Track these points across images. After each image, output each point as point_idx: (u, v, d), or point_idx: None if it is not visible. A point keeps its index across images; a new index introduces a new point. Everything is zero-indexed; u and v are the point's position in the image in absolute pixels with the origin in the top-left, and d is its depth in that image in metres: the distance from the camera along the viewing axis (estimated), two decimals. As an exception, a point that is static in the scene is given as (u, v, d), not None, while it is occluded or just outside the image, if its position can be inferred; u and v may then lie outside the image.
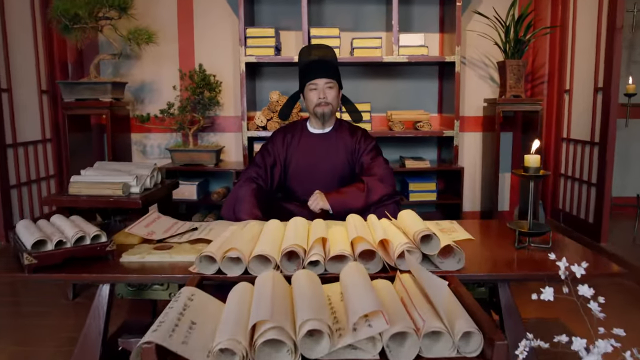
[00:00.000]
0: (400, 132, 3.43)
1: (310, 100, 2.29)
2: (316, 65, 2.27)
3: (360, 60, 3.35)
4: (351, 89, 3.71)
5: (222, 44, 3.74)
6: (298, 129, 2.41)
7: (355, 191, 2.14)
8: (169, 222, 1.98)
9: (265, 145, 2.40)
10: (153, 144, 3.88)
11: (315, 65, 2.27)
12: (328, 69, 2.27)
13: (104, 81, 3.20)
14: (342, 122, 2.41)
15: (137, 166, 2.66)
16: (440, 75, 3.77)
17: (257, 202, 2.12)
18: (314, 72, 2.26)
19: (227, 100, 3.80)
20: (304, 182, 2.34)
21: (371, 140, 2.35)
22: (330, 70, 2.27)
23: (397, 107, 3.78)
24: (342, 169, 2.33)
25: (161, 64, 3.78)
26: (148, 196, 2.47)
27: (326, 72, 2.26)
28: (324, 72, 2.25)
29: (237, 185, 2.23)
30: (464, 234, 1.82)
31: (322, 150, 2.34)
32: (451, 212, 3.63)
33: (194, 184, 3.48)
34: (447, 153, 3.65)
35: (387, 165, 2.27)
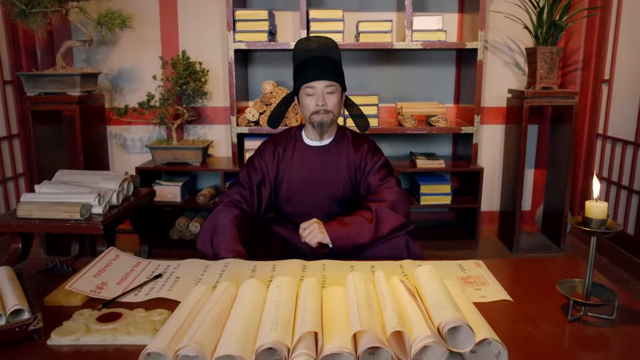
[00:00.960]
0: (411, 128, 3.01)
1: (306, 107, 1.88)
2: (314, 64, 1.83)
3: (367, 46, 2.90)
4: (355, 79, 3.27)
5: (210, 28, 3.29)
6: (291, 139, 2.00)
7: (362, 222, 1.75)
8: (128, 264, 1.61)
9: (251, 160, 1.99)
10: (134, 137, 3.48)
11: (314, 63, 1.84)
12: (329, 68, 1.84)
13: (71, 73, 2.78)
14: (344, 132, 2.00)
15: (105, 177, 2.27)
16: (458, 61, 3.32)
17: (239, 234, 1.73)
18: (312, 72, 1.83)
19: (215, 89, 3.37)
20: (297, 205, 1.95)
21: (380, 156, 1.94)
22: (331, 70, 1.84)
23: (407, 97, 3.34)
24: (344, 190, 1.93)
25: (142, 51, 3.34)
26: (115, 216, 2.09)
27: (327, 72, 1.83)
28: (324, 73, 1.82)
29: (216, 211, 1.84)
30: (496, 289, 1.43)
31: (320, 167, 1.94)
32: (467, 216, 3.24)
33: (177, 185, 3.09)
34: (463, 149, 3.23)
35: (400, 189, 1.86)
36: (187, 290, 1.36)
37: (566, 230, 3.01)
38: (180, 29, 3.31)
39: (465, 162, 3.16)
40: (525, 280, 1.55)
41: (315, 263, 1.60)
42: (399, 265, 1.58)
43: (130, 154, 3.48)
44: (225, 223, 1.76)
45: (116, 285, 1.47)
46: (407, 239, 1.78)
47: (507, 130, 3.20)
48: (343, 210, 1.95)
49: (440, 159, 3.09)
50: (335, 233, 1.73)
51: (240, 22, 2.90)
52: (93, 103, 2.98)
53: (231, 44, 2.90)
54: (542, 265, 1.66)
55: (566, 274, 1.48)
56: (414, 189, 3.19)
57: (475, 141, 3.01)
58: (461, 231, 3.27)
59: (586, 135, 3.21)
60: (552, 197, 3.18)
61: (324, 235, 1.73)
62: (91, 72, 2.91)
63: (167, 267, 1.61)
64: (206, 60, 3.28)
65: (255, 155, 2.00)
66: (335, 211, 1.94)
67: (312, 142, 1.96)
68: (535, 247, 3.07)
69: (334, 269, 1.55)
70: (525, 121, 2.89)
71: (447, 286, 1.26)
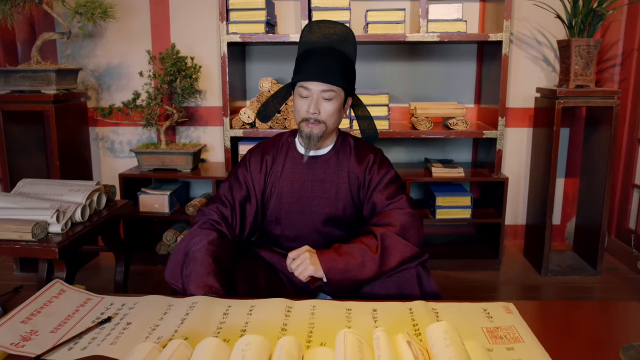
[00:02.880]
0: (426, 132, 2.66)
1: (297, 110, 1.55)
2: (316, 60, 1.49)
3: (377, 39, 2.56)
4: (363, 76, 2.94)
5: (205, 19, 2.98)
6: (282, 147, 1.67)
7: (364, 252, 1.42)
8: (74, 302, 1.31)
9: (235, 171, 1.67)
10: (122, 140, 3.18)
11: (315, 58, 1.49)
12: (332, 68, 1.48)
13: (46, 69, 2.49)
14: (346, 140, 1.67)
15: (72, 189, 1.97)
16: (480, 55, 2.96)
17: (214, 264, 1.42)
18: (310, 69, 1.48)
19: (210, 87, 3.06)
20: (288, 227, 1.63)
21: (388, 170, 1.60)
22: (335, 71, 1.48)
23: (422, 97, 3.00)
24: (345, 210, 1.60)
25: (131, 45, 3.04)
26: (79, 235, 1.79)
27: (328, 73, 1.47)
28: (324, 74, 1.47)
29: (189, 234, 1.52)
30: (535, 350, 1.09)
31: (316, 181, 1.61)
32: (489, 231, 2.88)
33: (165, 194, 2.78)
34: (486, 156, 2.87)
35: (412, 210, 1.52)
36: (135, 344, 1.06)
37: (603, 249, 2.64)
38: (172, 20, 3.01)
39: (487, 170, 2.81)
40: (574, 334, 1.20)
41: (303, 305, 1.28)
42: (408, 310, 1.25)
43: (118, 159, 3.19)
44: (197, 250, 1.45)
45: (50, 334, 1.16)
46: (419, 272, 1.45)
47: (536, 134, 2.84)
48: (344, 233, 1.63)
49: (459, 167, 2.74)
50: (331, 265, 1.40)
51: (234, 11, 2.59)
52: (73, 102, 2.69)
53: (224, 36, 2.59)
54: (593, 311, 1.31)
55: (627, 328, 1.13)
56: (429, 200, 2.84)
57: (500, 147, 2.65)
58: (482, 249, 2.91)
59: (626, 140, 2.83)
60: (586, 209, 2.81)
61: (317, 267, 1.40)
62: (70, 68, 2.61)
63: (122, 306, 1.31)
64: (200, 56, 2.97)
65: (239, 166, 1.68)
66: (334, 235, 1.62)
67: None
68: (567, 269, 2.71)
69: (326, 314, 1.23)
70: (557, 124, 2.52)
71: (470, 352, 0.94)
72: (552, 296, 2.48)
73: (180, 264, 1.47)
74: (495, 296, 2.47)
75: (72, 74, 2.65)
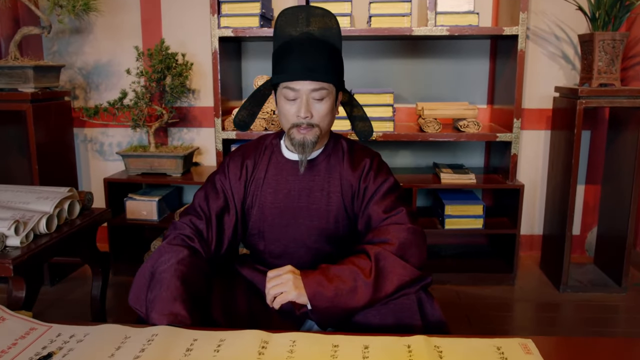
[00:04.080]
0: (434, 134, 2.45)
1: (283, 115, 1.34)
2: (299, 54, 1.28)
3: (381, 33, 2.36)
4: (367, 73, 2.73)
5: (198, 14, 2.79)
6: (265, 151, 1.47)
7: (355, 275, 1.21)
8: (13, 333, 1.12)
9: (211, 178, 1.47)
10: (112, 142, 3.00)
11: (299, 52, 1.28)
12: (321, 62, 1.28)
13: (22, 65, 2.32)
14: (338, 142, 1.46)
15: (40, 196, 1.78)
16: (493, 51, 2.74)
17: (183, 287, 1.21)
18: (294, 66, 1.27)
19: (204, 86, 2.87)
20: (272, 242, 1.43)
21: (386, 177, 1.39)
22: (324, 64, 1.28)
23: (430, 97, 2.78)
24: (336, 223, 1.39)
25: (120, 41, 2.86)
26: (43, 247, 1.60)
27: (317, 69, 1.26)
28: (313, 71, 1.26)
29: (156, 251, 1.32)
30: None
31: (304, 190, 1.40)
32: (502, 242, 2.66)
33: (153, 200, 2.59)
34: (499, 160, 2.65)
35: (413, 225, 1.30)
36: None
37: (628, 262, 2.40)
38: (164, 15, 2.83)
39: (501, 176, 2.59)
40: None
41: (281, 339, 1.08)
42: (406, 347, 1.05)
43: (107, 162, 3.01)
44: (163, 270, 1.25)
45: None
46: (421, 297, 1.24)
47: (554, 137, 2.61)
48: (335, 249, 1.42)
49: (470, 172, 2.52)
50: (317, 291, 1.19)
51: (226, 3, 2.40)
52: (54, 102, 2.51)
53: (215, 30, 2.40)
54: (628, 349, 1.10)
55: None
56: (437, 209, 2.62)
57: (514, 151, 2.43)
58: (495, 261, 2.69)
59: (653, 144, 2.59)
60: (609, 219, 2.58)
61: (300, 292, 1.20)
62: (49, 65, 2.43)
63: (69, 337, 1.11)
64: (192, 52, 2.78)
65: (217, 172, 1.48)
66: (325, 251, 1.41)
67: (294, 156, 1.43)
68: (588, 284, 2.47)
69: (308, 351, 1.04)
70: (578, 126, 2.30)
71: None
72: (572, 315, 2.25)
73: (145, 286, 1.27)
74: (509, 315, 2.24)
75: (53, 71, 2.48)
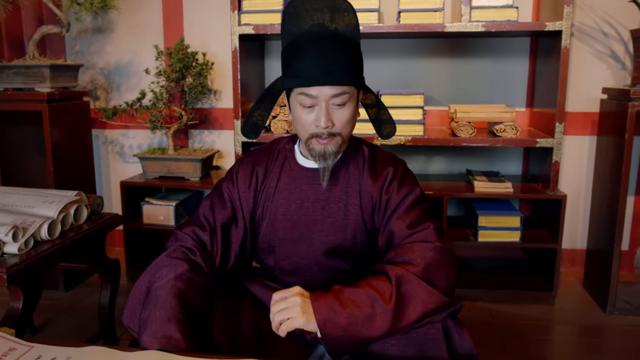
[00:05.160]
0: (468, 139, 2.26)
1: (300, 124, 1.19)
2: (315, 53, 1.12)
3: (411, 30, 2.19)
4: (395, 73, 2.58)
5: (220, 11, 2.68)
6: (278, 157, 1.33)
7: (373, 300, 1.05)
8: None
9: (219, 186, 1.34)
10: (132, 143, 2.93)
11: (314, 52, 1.12)
12: (340, 62, 1.12)
13: (38, 64, 2.25)
14: (359, 147, 1.31)
15: (46, 200, 1.70)
16: (534, 49, 2.53)
17: (179, 306, 1.08)
18: (310, 68, 1.11)
19: (226, 87, 2.77)
20: (283, 258, 1.29)
21: (411, 188, 1.23)
22: (344, 65, 1.12)
23: (464, 98, 2.60)
24: (353, 238, 1.24)
25: (141, 39, 2.79)
26: (44, 255, 1.51)
27: (337, 71, 1.11)
28: (332, 74, 1.11)
29: (154, 264, 1.20)
30: None
31: (319, 201, 1.26)
32: (541, 257, 2.45)
33: (170, 204, 2.49)
34: (539, 168, 2.45)
35: (441, 244, 1.13)
36: None
37: (684, 284, 2.17)
38: (186, 12, 2.73)
39: (541, 185, 2.38)
40: None
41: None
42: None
43: (127, 164, 2.94)
44: (159, 286, 1.12)
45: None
46: (448, 326, 1.07)
47: (601, 143, 2.38)
48: (353, 267, 1.27)
49: (506, 180, 2.32)
50: (328, 317, 1.04)
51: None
52: (71, 102, 2.44)
53: (235, 27, 2.28)
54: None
55: None
56: (470, 219, 2.43)
57: (556, 158, 2.22)
58: (533, 277, 2.48)
59: None
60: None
61: (309, 318, 1.05)
62: (67, 64, 2.36)
63: (50, 361, 1.00)
64: (214, 51, 2.68)
65: (225, 178, 1.35)
66: (341, 269, 1.27)
67: (309, 163, 1.29)
68: (639, 307, 2.24)
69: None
70: (629, 131, 2.08)
71: None
72: (619, 342, 2.03)
73: (140, 303, 1.16)
74: (547, 339, 2.04)
75: (71, 71, 2.41)
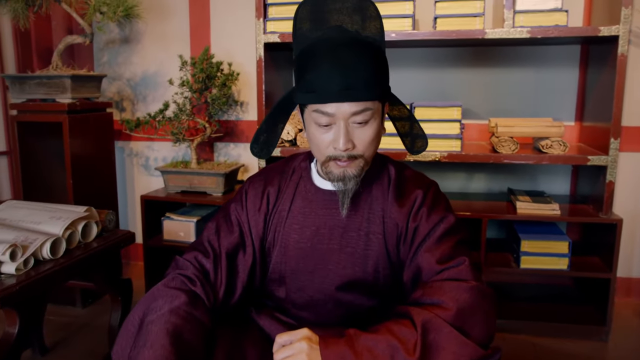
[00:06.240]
0: (510, 155, 2.07)
1: (315, 143, 1.04)
2: (331, 64, 0.95)
3: (448, 37, 2.02)
4: (431, 83, 2.41)
5: (248, 19, 2.59)
6: (293, 175, 1.19)
7: (393, 349, 0.89)
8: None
9: (226, 207, 1.21)
10: (158, 156, 2.86)
11: (329, 62, 0.96)
12: (359, 73, 0.95)
13: (59, 74, 2.20)
14: (385, 166, 1.15)
15: (53, 216, 1.61)
16: (584, 58, 2.32)
17: (172, 347, 0.94)
18: (325, 82, 0.96)
19: (252, 98, 2.66)
20: (295, 291, 1.13)
21: (443, 215, 1.06)
22: (364, 76, 0.96)
23: (505, 111, 2.40)
24: (375, 272, 1.08)
25: (168, 49, 2.72)
26: (45, 275, 1.41)
27: (355, 85, 0.95)
28: (349, 87, 0.95)
29: (149, 294, 1.06)
30: None
31: (337, 227, 1.10)
32: (593, 287, 2.21)
33: (191, 220, 2.38)
34: (590, 188, 2.22)
35: (477, 283, 0.95)
36: None
37: None
38: (213, 22, 2.65)
39: (592, 207, 2.15)
40: None
41: None
42: None
43: (152, 177, 2.87)
44: (153, 320, 0.99)
45: None
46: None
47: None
48: (373, 303, 1.11)
49: (552, 201, 2.10)
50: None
51: (273, 6, 2.16)
52: (93, 113, 2.38)
53: (260, 35, 2.16)
54: None
55: None
56: (512, 243, 2.22)
57: (610, 177, 2.00)
58: (583, 309, 2.23)
59: None
60: None
61: (316, 370, 0.89)
62: (88, 75, 2.30)
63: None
64: (240, 61, 2.58)
65: (233, 199, 1.21)
66: (359, 305, 1.10)
67: (327, 184, 1.13)
68: None
69: None
70: (697, 150, 1.84)
71: None
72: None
73: (132, 338, 1.02)
74: (602, 382, 1.81)
75: (93, 81, 2.35)
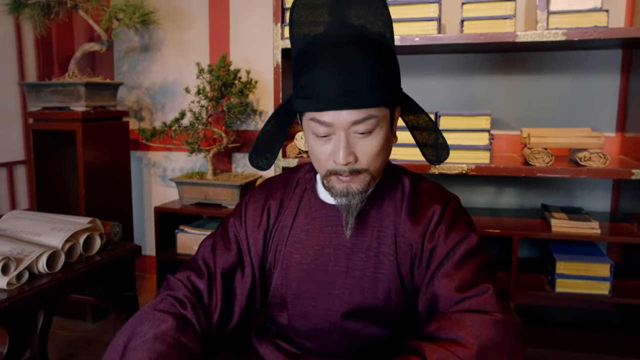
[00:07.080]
0: (544, 168, 1.90)
1: (314, 155, 0.93)
2: (330, 69, 0.85)
3: (476, 40, 1.88)
4: (457, 91, 2.27)
5: (267, 27, 2.51)
6: (297, 188, 1.08)
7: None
8: None
9: (224, 223, 1.11)
10: (175, 166, 2.79)
11: (327, 64, 0.85)
12: (364, 80, 0.84)
13: (74, 82, 2.16)
14: (398, 177, 1.03)
15: (54, 227, 1.54)
16: (626, 63, 2.14)
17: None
18: (322, 87, 0.85)
19: (271, 107, 2.56)
20: (298, 318, 1.02)
21: (464, 234, 0.92)
22: (370, 83, 0.85)
23: (538, 121, 2.23)
24: (386, 298, 0.95)
25: (187, 57, 2.66)
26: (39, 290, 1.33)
27: (359, 90, 0.84)
28: (349, 93, 0.84)
29: (136, 316, 0.96)
30: None
31: (342, 247, 0.98)
32: (638, 316, 2.01)
33: (204, 234, 2.30)
34: (633, 204, 2.03)
35: (504, 316, 0.81)
36: None
37: None
38: (232, 30, 2.58)
39: (636, 226, 1.96)
40: None
41: None
42: None
43: (169, 188, 2.80)
44: (136, 347, 0.89)
45: None
46: None
47: None
48: (384, 332, 0.98)
49: (591, 219, 1.93)
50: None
51: (291, 12, 2.07)
52: (108, 122, 2.33)
53: (278, 41, 2.08)
54: None
55: None
56: (547, 264, 2.05)
57: (657, 193, 1.82)
58: (627, 339, 2.03)
59: None
60: None
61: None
62: (103, 82, 2.26)
63: None
64: (259, 69, 2.50)
65: (232, 214, 1.11)
66: (367, 335, 0.98)
67: (332, 199, 1.02)
68: None
69: None
70: None
71: None
72: None
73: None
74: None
75: (108, 89, 2.30)
